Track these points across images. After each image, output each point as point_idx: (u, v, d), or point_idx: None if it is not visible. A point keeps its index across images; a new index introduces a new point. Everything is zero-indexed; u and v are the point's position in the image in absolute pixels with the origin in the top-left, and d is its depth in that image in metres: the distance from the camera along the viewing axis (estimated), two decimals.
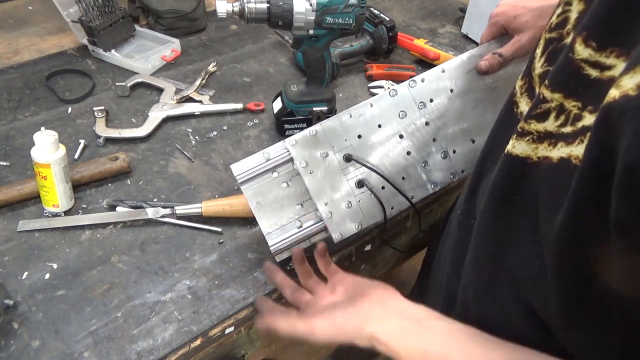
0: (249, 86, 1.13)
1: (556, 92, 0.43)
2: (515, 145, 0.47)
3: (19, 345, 0.66)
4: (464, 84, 0.75)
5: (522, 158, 0.46)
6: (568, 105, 0.42)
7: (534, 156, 0.45)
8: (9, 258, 0.76)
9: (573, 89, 0.41)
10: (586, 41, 0.40)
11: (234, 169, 0.71)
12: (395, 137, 0.73)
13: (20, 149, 0.93)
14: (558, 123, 0.43)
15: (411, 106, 0.72)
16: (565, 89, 0.42)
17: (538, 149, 0.45)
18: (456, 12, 1.43)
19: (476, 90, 0.75)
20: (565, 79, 0.42)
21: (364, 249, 0.85)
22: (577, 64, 0.41)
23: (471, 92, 0.75)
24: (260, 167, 0.71)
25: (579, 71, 0.40)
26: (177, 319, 0.70)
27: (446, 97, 0.74)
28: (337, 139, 0.71)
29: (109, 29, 1.15)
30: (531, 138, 0.45)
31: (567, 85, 0.42)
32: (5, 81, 1.08)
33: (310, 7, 0.82)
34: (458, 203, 0.69)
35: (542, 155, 0.44)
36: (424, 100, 0.73)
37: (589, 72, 0.40)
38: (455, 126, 0.76)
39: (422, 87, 0.72)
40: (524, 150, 0.46)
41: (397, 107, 0.72)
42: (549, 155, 0.43)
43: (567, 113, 0.42)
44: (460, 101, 0.75)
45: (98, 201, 0.85)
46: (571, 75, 0.41)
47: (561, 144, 0.42)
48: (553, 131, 0.43)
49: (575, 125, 0.41)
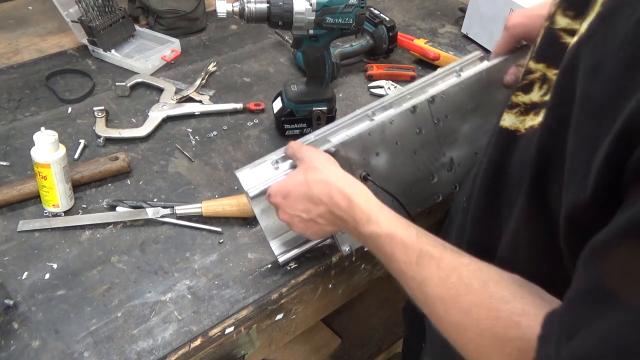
0: (249, 86, 1.13)
1: (540, 62, 0.45)
2: (505, 118, 0.49)
3: (19, 345, 0.66)
4: (479, 98, 0.74)
5: (511, 131, 0.48)
6: (550, 74, 0.44)
7: (522, 128, 0.47)
8: (9, 258, 0.76)
9: (553, 58, 0.44)
10: (565, 11, 0.43)
11: (242, 180, 0.69)
12: (410, 153, 0.72)
13: (20, 149, 0.93)
14: (541, 93, 0.45)
15: (428, 123, 0.71)
16: (547, 58, 0.44)
17: (525, 120, 0.47)
18: (456, 12, 1.43)
19: (488, 105, 0.75)
20: (547, 49, 0.45)
21: (364, 249, 0.85)
22: (557, 33, 0.43)
23: (484, 107, 0.75)
24: (270, 178, 0.69)
25: (557, 40, 0.43)
26: (177, 319, 0.70)
27: (462, 113, 0.73)
28: (356, 157, 0.69)
29: (109, 29, 1.15)
30: (519, 110, 0.47)
31: (548, 54, 0.44)
32: (5, 81, 1.08)
33: (310, 7, 0.82)
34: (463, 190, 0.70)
35: (528, 126, 0.46)
36: (441, 117, 0.72)
37: (566, 40, 0.42)
38: (464, 140, 0.76)
39: (441, 103, 0.70)
40: (513, 122, 0.48)
41: (415, 124, 0.70)
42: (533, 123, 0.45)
43: (549, 82, 0.44)
44: (473, 116, 0.74)
45: (98, 201, 0.85)
46: (551, 44, 0.44)
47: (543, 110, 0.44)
48: (538, 101, 0.45)
49: None
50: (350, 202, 0.58)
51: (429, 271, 0.49)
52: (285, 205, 0.64)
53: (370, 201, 0.58)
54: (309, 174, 0.62)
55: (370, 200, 0.59)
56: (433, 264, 0.49)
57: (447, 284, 0.47)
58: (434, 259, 0.50)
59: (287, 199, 0.64)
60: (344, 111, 1.06)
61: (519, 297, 0.43)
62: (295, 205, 0.63)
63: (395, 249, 0.53)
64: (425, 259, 0.50)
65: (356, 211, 0.57)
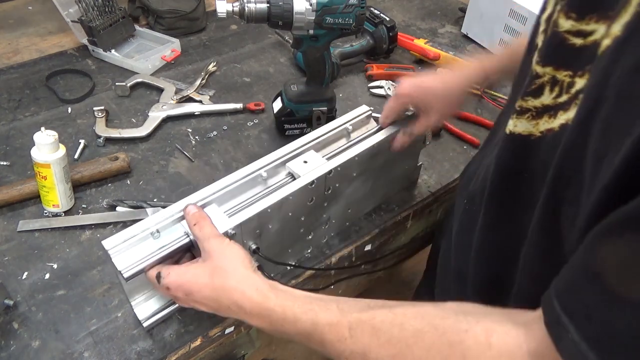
0: (249, 86, 1.13)
1: (547, 66, 0.45)
2: (516, 125, 0.49)
3: (19, 345, 0.66)
4: (365, 165, 0.77)
5: (524, 136, 0.48)
6: (560, 76, 0.44)
7: (536, 132, 0.47)
8: (9, 258, 0.76)
9: (562, 60, 0.44)
10: (567, 14, 0.43)
11: (115, 256, 0.61)
12: (298, 220, 0.73)
13: (20, 149, 0.93)
14: (554, 95, 0.45)
15: (320, 192, 0.73)
16: (555, 61, 0.45)
17: (539, 124, 0.46)
18: (456, 12, 1.43)
19: (370, 170, 0.79)
20: (554, 52, 0.45)
21: (364, 249, 0.85)
22: (562, 36, 0.43)
23: (366, 172, 0.78)
24: (151, 253, 0.61)
25: (564, 42, 0.43)
26: (177, 319, 0.70)
27: (349, 180, 0.76)
28: (250, 232, 0.66)
29: (109, 29, 1.15)
30: (530, 115, 0.47)
31: (555, 57, 0.45)
32: (5, 81, 1.08)
33: (310, 7, 0.82)
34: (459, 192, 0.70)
35: (544, 129, 0.46)
36: (332, 186, 0.74)
37: (574, 41, 0.43)
38: (343, 200, 0.79)
39: (335, 174, 0.72)
40: (526, 127, 0.48)
41: (309, 195, 0.71)
42: (551, 126, 0.45)
43: (561, 83, 0.44)
44: (356, 180, 0.77)
45: (98, 201, 0.85)
46: (558, 47, 0.44)
47: (560, 113, 0.44)
48: (550, 104, 0.45)
49: (570, 92, 0.43)
50: (261, 309, 0.55)
51: (367, 339, 0.47)
52: (187, 300, 0.59)
53: (282, 300, 0.55)
54: (215, 277, 0.57)
55: (282, 297, 0.55)
56: (367, 329, 0.48)
57: (392, 342, 0.46)
58: (365, 324, 0.48)
59: (189, 296, 0.58)
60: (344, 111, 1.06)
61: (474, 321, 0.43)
62: (199, 303, 0.58)
63: (324, 334, 0.50)
64: (357, 329, 0.48)
65: (271, 316, 0.54)
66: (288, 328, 0.53)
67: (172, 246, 0.62)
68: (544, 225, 0.47)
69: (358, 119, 0.81)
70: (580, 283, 0.36)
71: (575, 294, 0.36)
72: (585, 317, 0.35)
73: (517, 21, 1.18)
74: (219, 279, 0.57)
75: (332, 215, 0.79)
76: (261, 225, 0.67)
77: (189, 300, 0.59)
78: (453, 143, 1.03)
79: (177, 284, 0.58)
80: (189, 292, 0.58)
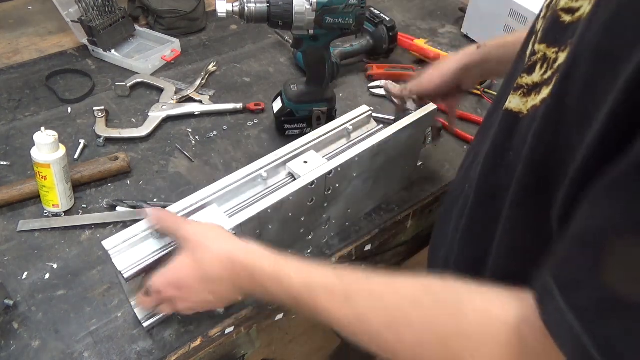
0: (249, 86, 1.13)
1: (542, 43, 0.46)
2: (511, 100, 0.49)
3: (19, 345, 0.66)
4: (365, 166, 0.77)
5: (515, 112, 0.48)
6: (549, 53, 0.44)
7: (524, 110, 0.47)
8: (9, 258, 0.76)
9: (553, 38, 0.44)
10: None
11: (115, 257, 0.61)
12: (297, 221, 0.73)
13: (20, 149, 0.93)
14: (542, 72, 0.45)
15: (320, 192, 0.73)
16: (548, 39, 0.45)
17: (527, 101, 0.46)
18: (456, 12, 1.43)
19: (370, 170, 0.78)
20: (548, 30, 0.45)
21: (364, 249, 0.85)
22: (557, 13, 0.44)
23: (367, 172, 0.78)
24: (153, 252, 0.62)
25: (557, 20, 0.43)
26: (177, 319, 0.70)
27: (349, 180, 0.76)
28: (249, 232, 0.66)
29: (109, 29, 1.15)
30: (522, 92, 0.47)
31: (549, 35, 0.45)
32: (5, 81, 1.08)
33: (310, 7, 0.81)
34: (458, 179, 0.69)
35: (530, 106, 0.46)
36: (332, 186, 0.74)
37: (564, 18, 0.43)
38: (343, 201, 0.79)
39: (336, 174, 0.72)
40: (517, 104, 0.48)
41: (309, 195, 0.71)
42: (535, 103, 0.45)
43: (548, 60, 0.44)
44: (355, 180, 0.77)
45: (98, 201, 0.85)
46: (552, 24, 0.44)
47: (544, 88, 0.44)
48: (538, 81, 0.45)
49: (553, 67, 0.43)
50: (253, 272, 0.53)
51: (363, 304, 0.47)
52: (184, 296, 0.57)
53: (274, 262, 0.53)
54: (196, 253, 0.55)
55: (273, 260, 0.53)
56: (364, 295, 0.47)
57: (389, 309, 0.45)
58: (363, 290, 0.47)
59: (182, 289, 0.56)
60: (344, 111, 1.06)
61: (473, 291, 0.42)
62: (196, 292, 0.56)
63: (317, 297, 0.49)
64: (354, 294, 0.47)
65: (263, 279, 0.52)
66: (280, 293, 0.52)
67: (172, 246, 0.62)
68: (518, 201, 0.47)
69: (358, 119, 0.81)
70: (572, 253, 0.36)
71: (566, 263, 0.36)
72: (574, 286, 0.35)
73: (517, 21, 1.18)
74: (200, 252, 0.55)
75: (332, 216, 0.79)
76: (261, 226, 0.67)
77: (187, 296, 0.57)
78: (453, 143, 1.03)
79: (165, 282, 0.57)
80: (178, 284, 0.56)
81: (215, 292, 0.56)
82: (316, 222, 0.77)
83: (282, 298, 0.52)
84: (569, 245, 0.37)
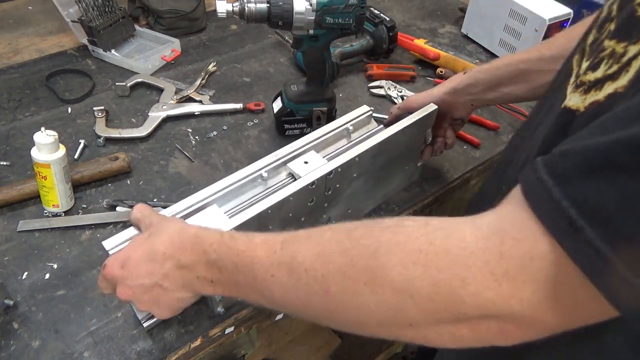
0: (249, 86, 1.13)
1: (613, 39, 0.43)
2: (571, 98, 0.46)
3: (19, 345, 0.66)
4: (366, 166, 0.77)
5: (572, 110, 0.46)
6: (618, 48, 0.42)
7: (582, 107, 0.44)
8: (9, 258, 0.76)
9: (625, 33, 0.42)
10: None
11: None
12: (297, 221, 0.73)
13: (20, 149, 0.93)
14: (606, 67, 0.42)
15: (321, 193, 0.73)
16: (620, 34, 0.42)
17: (586, 99, 0.44)
18: (456, 12, 1.43)
19: (371, 170, 0.78)
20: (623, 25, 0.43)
21: None
22: (634, 7, 0.41)
23: (367, 173, 0.78)
24: None
25: (633, 14, 0.41)
26: (177, 319, 0.70)
27: (349, 181, 0.76)
28: None
29: (109, 28, 1.15)
30: (583, 89, 0.45)
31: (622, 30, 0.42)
32: (5, 81, 1.08)
33: (310, 7, 0.82)
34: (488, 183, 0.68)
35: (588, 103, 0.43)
36: (332, 187, 0.74)
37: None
38: (343, 201, 0.79)
39: (336, 175, 0.72)
40: (576, 102, 0.45)
41: (310, 196, 0.71)
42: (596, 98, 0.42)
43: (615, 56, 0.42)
44: (356, 181, 0.78)
45: (98, 201, 0.85)
46: (627, 19, 0.42)
47: (608, 83, 0.41)
48: (600, 77, 0.43)
49: (621, 61, 0.41)
50: (198, 239, 0.51)
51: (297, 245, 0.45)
52: (124, 276, 0.54)
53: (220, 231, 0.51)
54: (152, 233, 0.54)
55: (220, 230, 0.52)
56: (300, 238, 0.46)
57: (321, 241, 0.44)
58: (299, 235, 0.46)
59: (125, 267, 0.53)
60: (344, 111, 1.06)
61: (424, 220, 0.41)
62: (135, 272, 0.53)
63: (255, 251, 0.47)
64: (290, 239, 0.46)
65: (205, 240, 0.50)
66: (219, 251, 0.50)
67: None
68: None
69: (359, 119, 0.81)
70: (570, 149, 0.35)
71: (564, 156, 0.36)
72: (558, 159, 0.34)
73: (517, 21, 1.18)
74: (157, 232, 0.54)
75: (332, 216, 0.79)
76: (261, 226, 0.67)
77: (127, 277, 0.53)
78: None
79: (113, 259, 0.55)
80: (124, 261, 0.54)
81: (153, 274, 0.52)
82: (316, 222, 0.77)
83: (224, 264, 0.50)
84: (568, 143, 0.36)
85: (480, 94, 0.80)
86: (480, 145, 1.03)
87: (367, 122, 0.83)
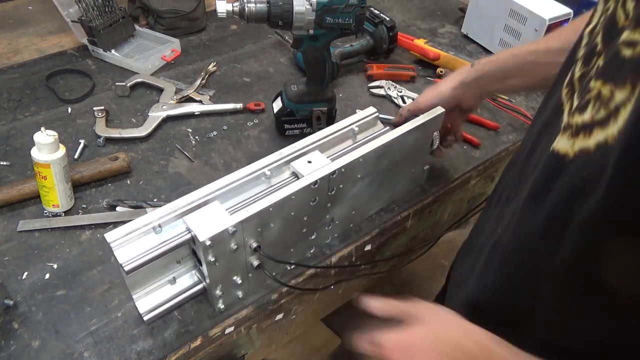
0: (249, 86, 1.13)
1: (599, 79, 0.42)
2: (559, 141, 0.46)
3: (19, 345, 0.66)
4: (370, 168, 0.77)
5: (561, 155, 0.45)
6: (604, 90, 0.41)
7: (571, 152, 0.44)
8: (9, 258, 0.76)
9: (610, 74, 0.41)
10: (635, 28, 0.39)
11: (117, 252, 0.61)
12: (300, 220, 0.73)
13: (20, 149, 0.93)
14: (594, 111, 0.42)
15: (324, 193, 0.73)
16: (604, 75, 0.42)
17: (575, 143, 0.43)
18: (456, 12, 1.43)
19: (375, 172, 0.78)
20: (608, 66, 0.42)
21: (364, 249, 0.85)
22: (618, 47, 0.41)
23: (372, 174, 0.78)
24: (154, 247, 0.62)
25: (617, 55, 0.40)
26: (177, 319, 0.70)
27: (352, 182, 0.76)
28: (251, 229, 0.66)
29: (109, 29, 1.15)
30: (570, 132, 0.44)
31: (607, 71, 0.42)
32: (5, 81, 1.08)
33: (310, 7, 0.82)
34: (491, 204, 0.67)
35: (578, 149, 0.43)
36: (335, 187, 0.74)
37: (624, 53, 0.40)
38: (347, 202, 0.79)
39: (339, 175, 0.72)
40: (564, 146, 0.45)
41: (312, 195, 0.71)
42: (585, 145, 0.42)
43: (602, 99, 0.41)
44: (360, 182, 0.77)
45: (98, 201, 0.85)
46: (612, 60, 0.41)
47: (596, 130, 0.41)
48: (588, 121, 0.42)
49: (608, 106, 0.40)
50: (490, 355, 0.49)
51: None
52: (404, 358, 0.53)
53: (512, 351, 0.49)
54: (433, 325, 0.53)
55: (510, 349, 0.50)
56: None
57: None
58: None
59: (407, 354, 0.53)
60: (344, 111, 1.06)
61: None
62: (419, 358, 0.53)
63: None
64: None
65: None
66: None
67: (173, 241, 0.62)
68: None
69: (365, 120, 0.81)
70: None
71: None
72: None
73: (517, 21, 1.18)
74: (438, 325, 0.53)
75: (335, 217, 0.79)
76: (263, 224, 0.67)
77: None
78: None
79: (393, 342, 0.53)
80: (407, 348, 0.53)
81: None
82: (319, 222, 0.77)
83: None
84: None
85: (488, 86, 0.81)
86: (480, 145, 1.03)
87: (374, 124, 0.83)
